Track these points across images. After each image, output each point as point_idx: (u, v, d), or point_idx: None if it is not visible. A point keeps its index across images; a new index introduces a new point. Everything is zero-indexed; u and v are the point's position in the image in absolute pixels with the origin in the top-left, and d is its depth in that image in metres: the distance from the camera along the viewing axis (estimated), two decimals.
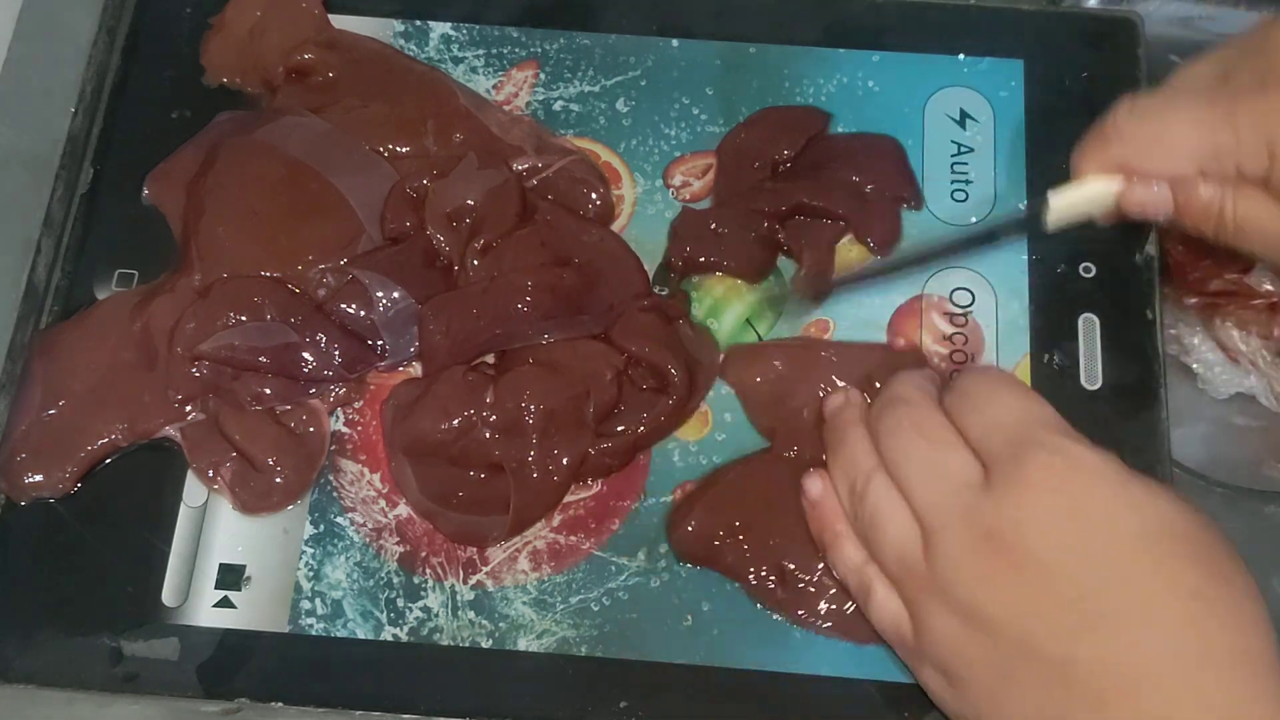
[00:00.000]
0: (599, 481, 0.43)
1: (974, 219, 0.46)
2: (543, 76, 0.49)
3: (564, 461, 0.42)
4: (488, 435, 0.42)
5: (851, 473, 0.39)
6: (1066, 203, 0.39)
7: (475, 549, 0.42)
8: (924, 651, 0.36)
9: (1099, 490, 0.34)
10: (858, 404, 0.41)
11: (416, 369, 0.44)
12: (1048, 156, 0.47)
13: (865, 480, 0.38)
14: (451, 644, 0.41)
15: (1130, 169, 0.38)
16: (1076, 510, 0.33)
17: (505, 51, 0.49)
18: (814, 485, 0.40)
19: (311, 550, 0.42)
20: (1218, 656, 0.32)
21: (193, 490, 0.43)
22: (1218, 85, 0.37)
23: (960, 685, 0.35)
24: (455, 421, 0.42)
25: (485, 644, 0.41)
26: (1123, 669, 0.32)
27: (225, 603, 0.42)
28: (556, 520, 0.43)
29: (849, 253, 0.46)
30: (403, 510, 0.43)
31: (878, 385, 0.42)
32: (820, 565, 0.41)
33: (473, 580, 0.42)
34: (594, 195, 0.46)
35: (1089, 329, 0.45)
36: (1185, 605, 0.32)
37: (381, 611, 0.42)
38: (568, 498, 0.43)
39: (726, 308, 0.45)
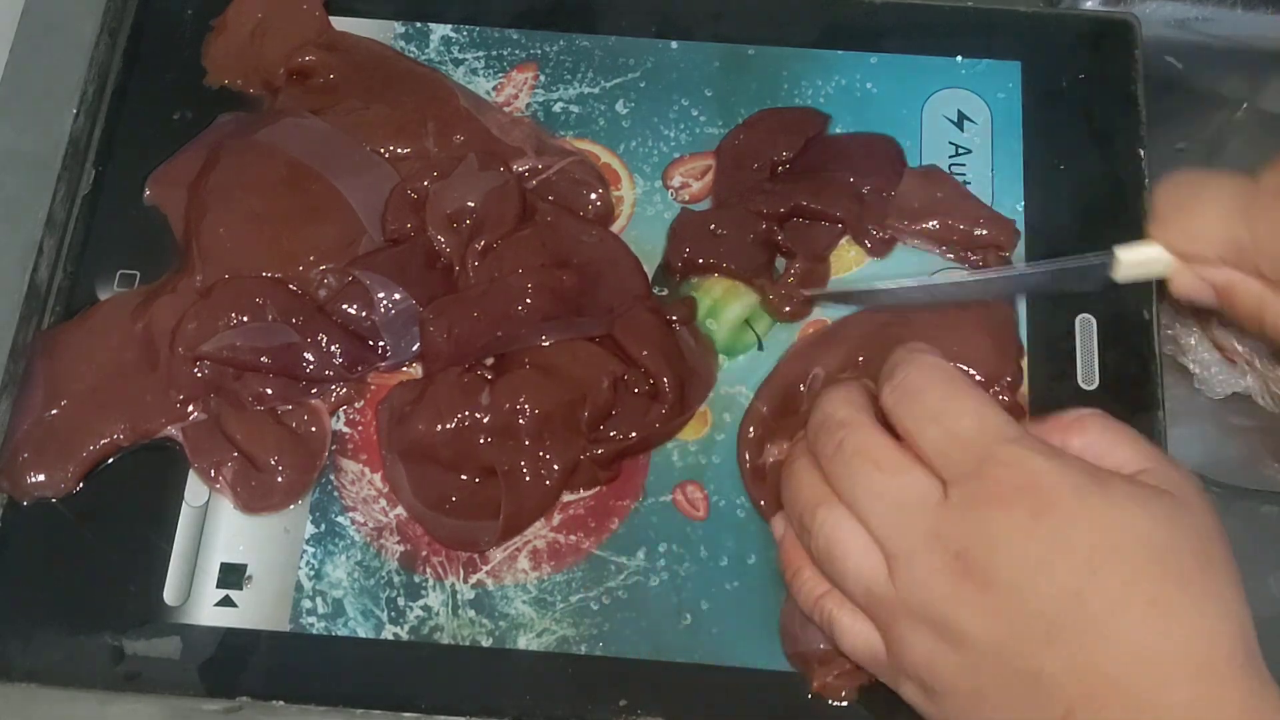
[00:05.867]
0: None
1: None
2: (543, 78, 0.49)
3: (555, 467, 0.42)
4: (482, 438, 0.42)
5: (797, 506, 0.38)
6: (1133, 259, 0.38)
7: None
8: (901, 669, 0.36)
9: (1059, 504, 0.34)
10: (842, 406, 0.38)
11: (417, 369, 0.45)
12: (1045, 158, 0.47)
13: (810, 514, 0.37)
14: (452, 643, 0.41)
15: (1171, 250, 0.37)
16: (1038, 525, 0.33)
17: (505, 53, 0.49)
18: (776, 525, 0.40)
19: (312, 549, 0.43)
20: (1178, 662, 0.32)
21: (194, 490, 0.43)
22: (1255, 180, 0.35)
23: (938, 699, 0.35)
24: (451, 423, 0.42)
25: (485, 643, 0.41)
26: (1086, 680, 0.32)
27: (226, 602, 0.42)
28: (556, 519, 0.43)
29: (847, 253, 0.46)
30: (403, 510, 0.43)
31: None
32: None
33: (473, 579, 0.42)
34: (594, 196, 0.46)
35: (1086, 329, 0.45)
36: (1143, 614, 0.32)
37: (382, 610, 0.42)
38: (567, 497, 0.43)
39: (725, 308, 0.45)
